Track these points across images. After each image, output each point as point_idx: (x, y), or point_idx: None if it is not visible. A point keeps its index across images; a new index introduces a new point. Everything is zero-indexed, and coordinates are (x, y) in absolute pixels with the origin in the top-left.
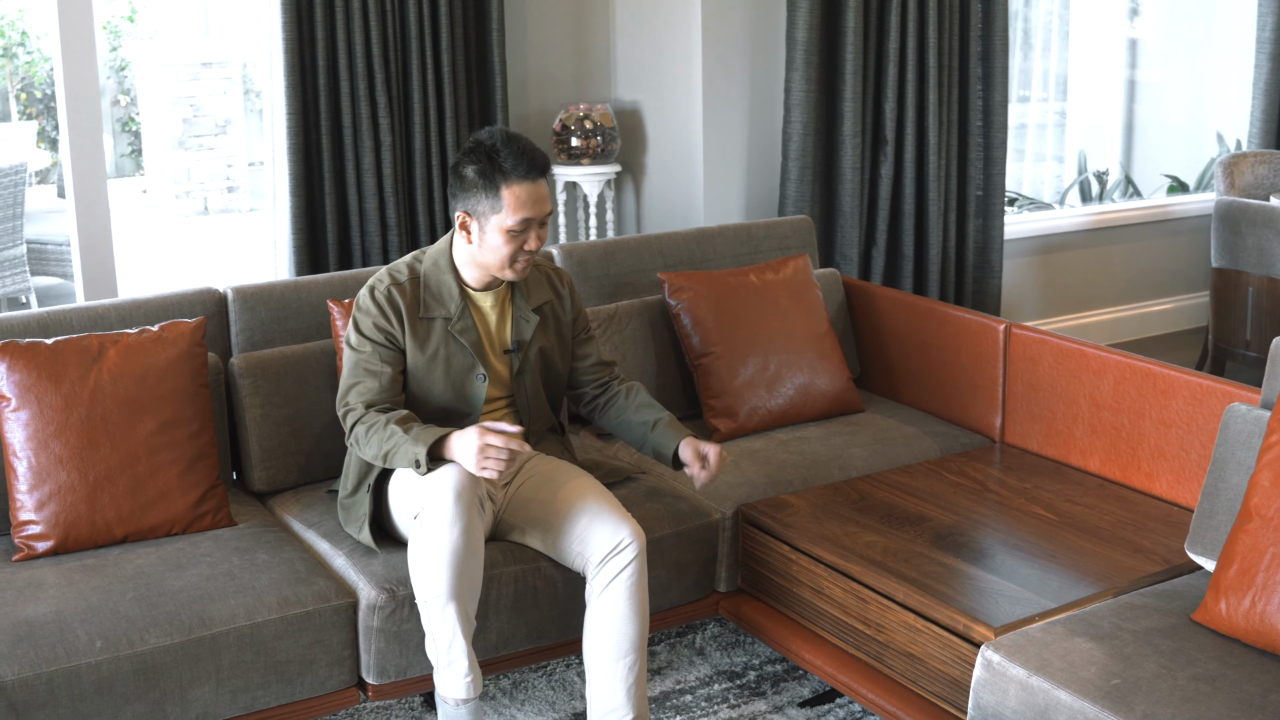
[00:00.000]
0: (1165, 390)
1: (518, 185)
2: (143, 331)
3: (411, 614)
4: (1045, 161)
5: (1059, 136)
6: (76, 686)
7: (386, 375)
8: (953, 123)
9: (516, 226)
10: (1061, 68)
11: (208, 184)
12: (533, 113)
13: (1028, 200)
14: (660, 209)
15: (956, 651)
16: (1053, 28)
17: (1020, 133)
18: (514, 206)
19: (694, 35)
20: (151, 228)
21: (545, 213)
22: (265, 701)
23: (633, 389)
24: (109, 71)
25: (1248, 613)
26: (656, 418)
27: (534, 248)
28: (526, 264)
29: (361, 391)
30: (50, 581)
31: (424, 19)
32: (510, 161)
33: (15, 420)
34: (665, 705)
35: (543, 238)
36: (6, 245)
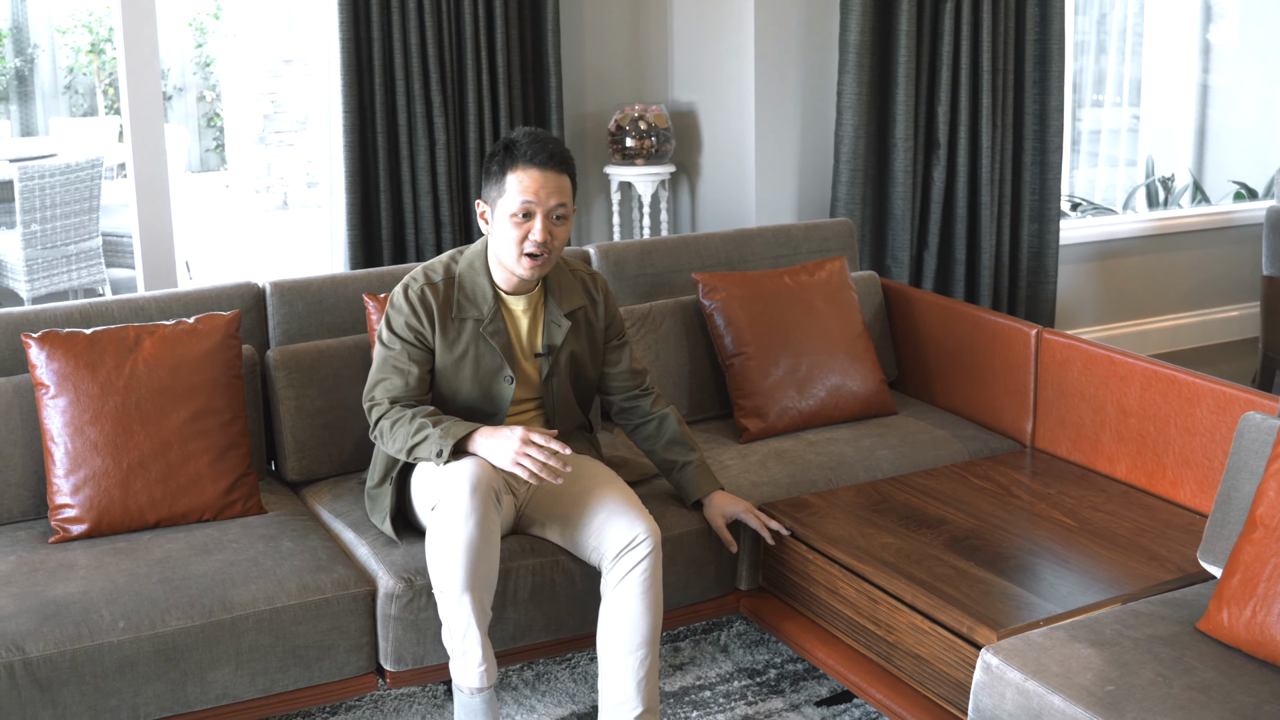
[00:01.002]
0: (1189, 398)
1: (523, 170)
2: (179, 323)
3: (429, 603)
4: (1118, 167)
5: (1132, 142)
6: (99, 664)
7: (414, 374)
8: (1007, 126)
9: (518, 210)
10: (1136, 72)
11: (288, 179)
12: (589, 113)
13: (1091, 205)
14: (714, 210)
15: (960, 654)
16: (1127, 32)
17: (1094, 138)
18: (517, 189)
19: (747, 37)
20: (233, 222)
21: (552, 204)
22: (284, 684)
23: (664, 420)
24: (195, 68)
25: (1248, 623)
26: (685, 460)
27: (540, 239)
28: (537, 261)
29: (388, 388)
30: (82, 563)
31: (479, 19)
32: (524, 149)
33: (53, 407)
34: (684, 700)
35: (556, 235)
36: (82, 237)
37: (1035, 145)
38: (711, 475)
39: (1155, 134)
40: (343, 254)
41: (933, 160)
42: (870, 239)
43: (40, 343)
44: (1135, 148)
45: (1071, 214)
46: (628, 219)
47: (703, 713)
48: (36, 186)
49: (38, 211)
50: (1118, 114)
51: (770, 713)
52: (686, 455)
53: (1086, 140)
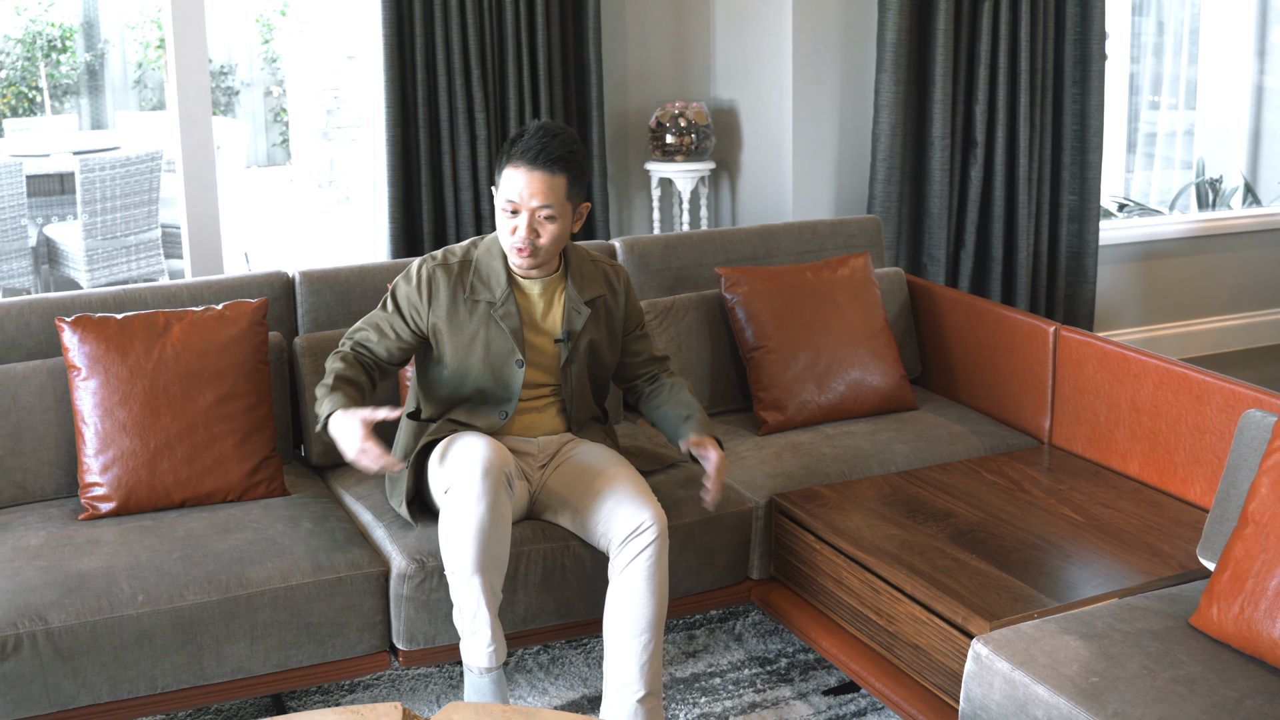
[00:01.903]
0: (1200, 396)
1: (512, 167)
2: (207, 310)
3: (440, 584)
4: (1174, 169)
5: (1188, 143)
6: (118, 636)
7: (390, 341)
8: (1046, 126)
9: (504, 206)
10: (1192, 73)
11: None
12: (631, 109)
13: (1139, 206)
14: (754, 207)
15: (955, 644)
16: (1184, 34)
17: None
18: (506, 186)
19: (785, 35)
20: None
21: (535, 205)
22: (298, 660)
23: (676, 384)
24: (262, 63)
25: (1236, 618)
26: (689, 413)
27: (524, 236)
28: (524, 256)
29: (361, 338)
30: (108, 540)
31: (520, 17)
32: (520, 146)
33: (85, 389)
34: (694, 686)
35: (539, 231)
36: (142, 229)
37: (1075, 145)
38: (707, 424)
39: (1210, 136)
40: (385, 246)
41: (970, 159)
42: (907, 237)
43: (73, 326)
44: (1191, 149)
45: (1118, 215)
46: (668, 215)
47: (711, 699)
48: (97, 179)
49: (98, 203)
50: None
51: (777, 701)
52: (691, 409)
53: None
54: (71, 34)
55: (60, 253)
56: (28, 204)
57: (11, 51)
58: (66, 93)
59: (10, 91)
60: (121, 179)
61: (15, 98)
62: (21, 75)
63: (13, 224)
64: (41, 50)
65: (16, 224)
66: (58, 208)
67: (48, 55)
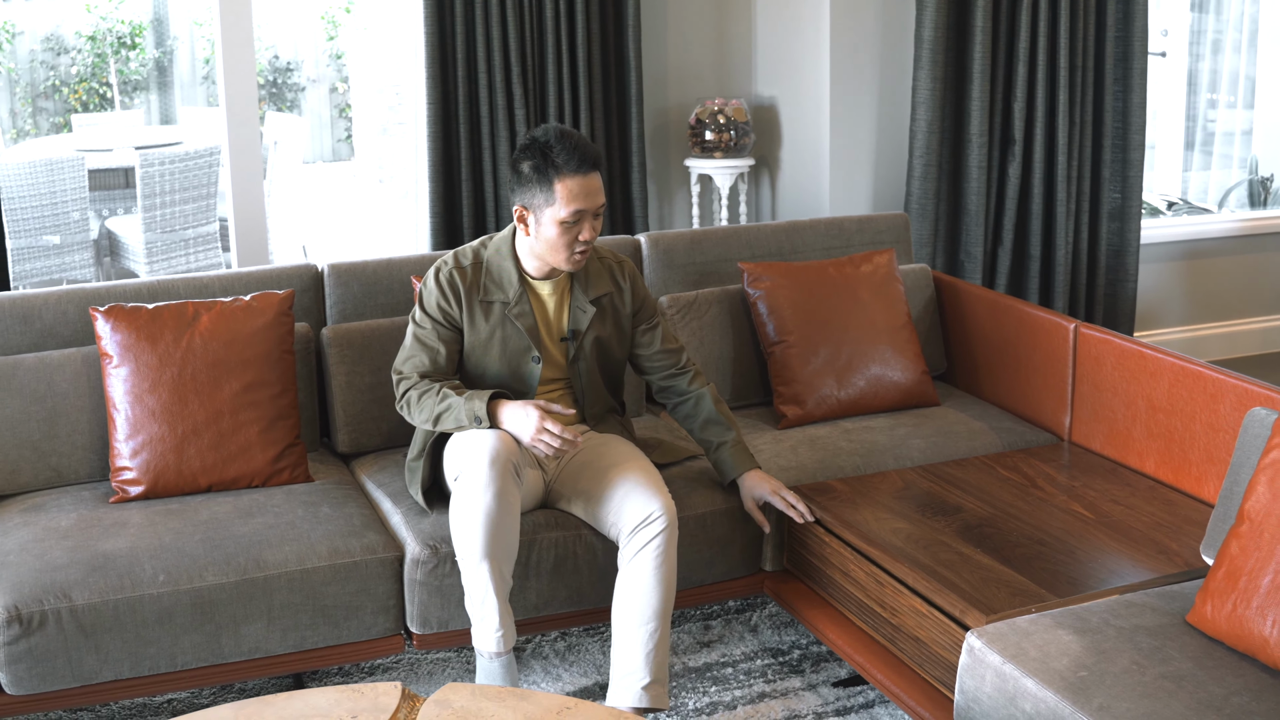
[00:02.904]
0: (1213, 394)
1: (569, 178)
2: (235, 300)
3: (452, 570)
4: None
5: (1246, 142)
6: (140, 614)
7: (441, 352)
8: (1086, 124)
9: (569, 218)
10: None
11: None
12: (672, 106)
13: (1187, 205)
14: (793, 203)
15: (954, 637)
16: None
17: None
18: (566, 199)
19: (823, 33)
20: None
21: (597, 205)
22: (314, 641)
23: (700, 399)
24: (328, 60)
25: (1229, 616)
26: (720, 440)
27: (588, 238)
28: (584, 255)
29: (416, 364)
30: (135, 522)
31: (560, 14)
32: (562, 156)
33: (116, 376)
34: (705, 676)
35: (597, 229)
36: (200, 222)
37: (1117, 143)
38: (746, 455)
39: (1266, 134)
40: (426, 239)
41: (1008, 157)
42: (945, 234)
43: (106, 316)
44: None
45: (1166, 213)
46: (708, 210)
47: (721, 688)
48: (156, 173)
49: (157, 197)
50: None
51: (787, 691)
52: (723, 435)
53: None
54: (141, 31)
55: (121, 246)
56: (91, 198)
57: (83, 49)
58: (136, 89)
59: (82, 88)
60: (180, 174)
61: (87, 94)
62: (92, 71)
63: (76, 217)
64: (111, 47)
65: (80, 217)
66: (120, 201)
67: (117, 52)
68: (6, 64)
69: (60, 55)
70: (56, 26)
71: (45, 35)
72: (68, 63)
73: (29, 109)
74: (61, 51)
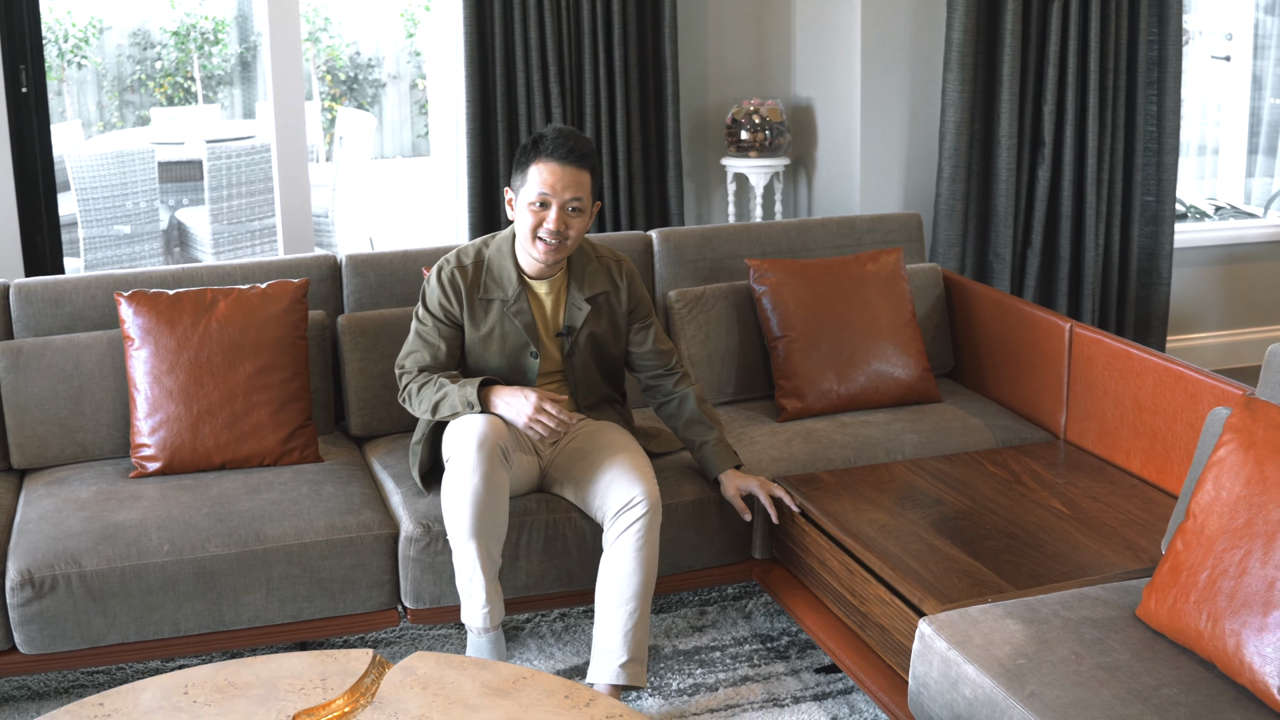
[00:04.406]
0: (1194, 394)
1: (544, 163)
2: (252, 288)
3: (444, 548)
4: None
5: None
6: (145, 581)
7: (442, 349)
8: (1118, 127)
9: (535, 200)
10: None
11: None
12: (710, 105)
13: (1232, 209)
14: (827, 203)
15: (912, 625)
16: None
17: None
18: (537, 181)
19: (854, 34)
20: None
21: (566, 195)
22: (311, 613)
23: (684, 399)
24: (408, 57)
25: (1170, 609)
26: (702, 440)
27: (553, 229)
28: (548, 248)
29: (419, 359)
30: (149, 495)
31: (597, 15)
32: (549, 145)
33: (137, 357)
34: (693, 658)
35: (572, 225)
36: (265, 214)
37: (1150, 146)
38: (727, 454)
39: None
40: (465, 234)
41: (1038, 159)
42: (974, 236)
43: (129, 300)
44: None
45: (1213, 217)
46: (744, 209)
47: (706, 670)
48: (223, 166)
49: (224, 189)
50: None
51: (769, 676)
52: (705, 434)
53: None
54: (224, 27)
55: (189, 236)
56: (163, 189)
57: (168, 44)
58: (220, 84)
59: (167, 82)
60: (246, 167)
61: (172, 88)
62: (177, 66)
63: (146, 208)
64: (195, 43)
65: (149, 208)
66: (191, 193)
67: (201, 48)
68: (94, 59)
69: (146, 50)
70: (144, 22)
71: (132, 31)
72: (153, 57)
73: (116, 103)
74: (148, 46)
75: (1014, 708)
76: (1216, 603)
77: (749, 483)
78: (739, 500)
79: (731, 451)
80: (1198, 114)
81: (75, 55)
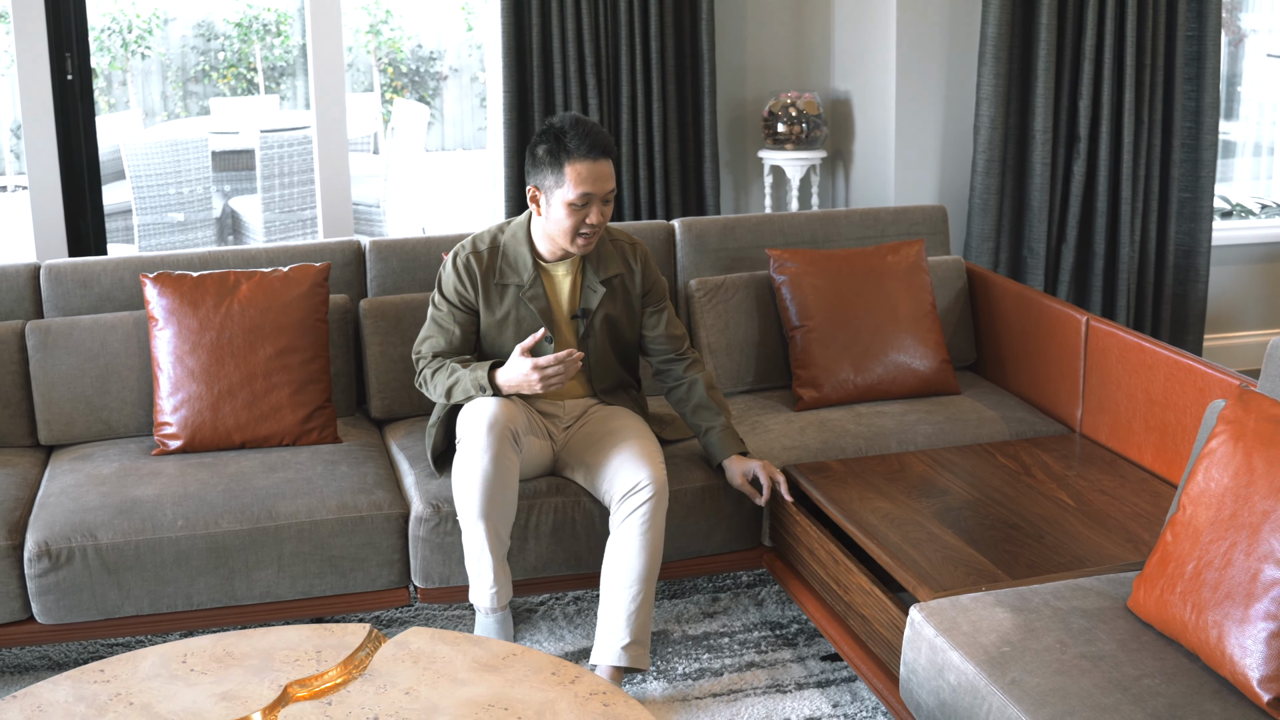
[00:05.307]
0: (1202, 388)
1: (579, 163)
2: (274, 271)
3: (454, 529)
4: None
5: None
6: (159, 555)
7: (456, 334)
8: (1155, 123)
9: (577, 200)
10: None
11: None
12: (749, 99)
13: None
14: (864, 196)
15: (890, 615)
16: None
17: None
18: (575, 182)
19: (889, 27)
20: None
21: (605, 190)
22: (321, 590)
23: (693, 385)
24: (469, 50)
25: (1158, 600)
26: (709, 425)
27: (595, 222)
28: (589, 239)
29: (434, 345)
30: (169, 472)
31: (634, 7)
32: (574, 141)
33: (161, 338)
34: (701, 644)
35: (605, 214)
36: (311, 204)
37: (1187, 143)
38: (732, 440)
39: None
40: None
41: (1073, 154)
42: (1009, 230)
43: (154, 282)
44: None
45: (1256, 216)
46: (780, 202)
47: (714, 656)
48: (275, 155)
49: (276, 178)
50: None
51: (775, 662)
52: (712, 420)
53: None
54: (286, 19)
55: (242, 224)
56: (218, 178)
57: (231, 35)
58: (283, 75)
59: (230, 73)
60: (298, 156)
61: (235, 79)
62: (239, 57)
63: (199, 195)
64: (257, 34)
65: (203, 195)
66: (246, 182)
67: (263, 39)
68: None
69: (210, 41)
70: (208, 14)
71: (197, 22)
72: (217, 48)
73: (179, 93)
74: (211, 38)
75: (994, 694)
76: (1201, 594)
77: (752, 465)
78: (747, 486)
79: (737, 438)
80: (1254, 113)
81: (139, 46)
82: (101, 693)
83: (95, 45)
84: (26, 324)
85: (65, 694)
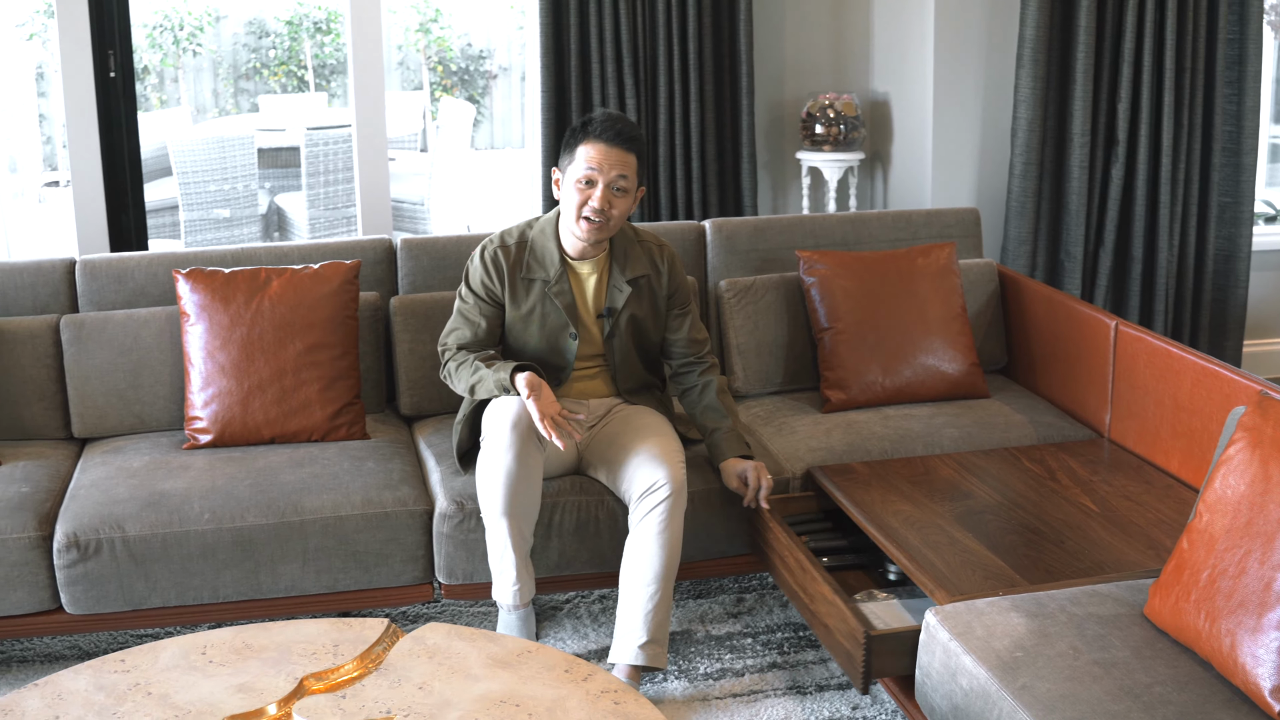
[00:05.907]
0: (1228, 394)
1: (592, 143)
2: (305, 268)
3: (477, 526)
4: None
5: None
6: (185, 548)
7: (482, 326)
8: (1195, 127)
9: (582, 178)
10: None
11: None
12: (787, 99)
13: None
14: (901, 198)
15: (849, 626)
16: None
17: None
18: (584, 159)
19: (927, 30)
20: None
21: (614, 176)
22: (345, 584)
23: (706, 387)
24: (519, 49)
25: (1173, 608)
26: (715, 426)
27: (598, 206)
28: (593, 227)
29: (460, 337)
30: (197, 466)
31: (672, 6)
32: (597, 126)
33: (192, 333)
34: (724, 644)
35: (614, 204)
36: (353, 203)
37: (1228, 146)
38: (734, 442)
39: None
40: None
41: (1111, 157)
42: (1046, 233)
43: (186, 278)
44: None
45: None
46: (818, 203)
47: (736, 656)
48: (320, 153)
49: (321, 175)
50: None
51: (797, 663)
52: (718, 422)
53: None
54: (336, 17)
55: (288, 220)
56: (264, 175)
57: (282, 33)
58: (334, 72)
59: (281, 70)
60: (343, 154)
61: (286, 76)
62: (290, 55)
63: (245, 192)
64: (307, 32)
65: (248, 192)
66: (293, 179)
67: (313, 36)
68: (209, 47)
69: (262, 39)
70: (259, 11)
71: (248, 20)
72: (268, 46)
73: (231, 90)
74: (263, 35)
75: (1004, 699)
76: (1215, 602)
77: (745, 465)
78: (741, 486)
79: (741, 441)
80: None
81: (190, 43)
82: (121, 682)
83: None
84: (61, 318)
85: (85, 683)
